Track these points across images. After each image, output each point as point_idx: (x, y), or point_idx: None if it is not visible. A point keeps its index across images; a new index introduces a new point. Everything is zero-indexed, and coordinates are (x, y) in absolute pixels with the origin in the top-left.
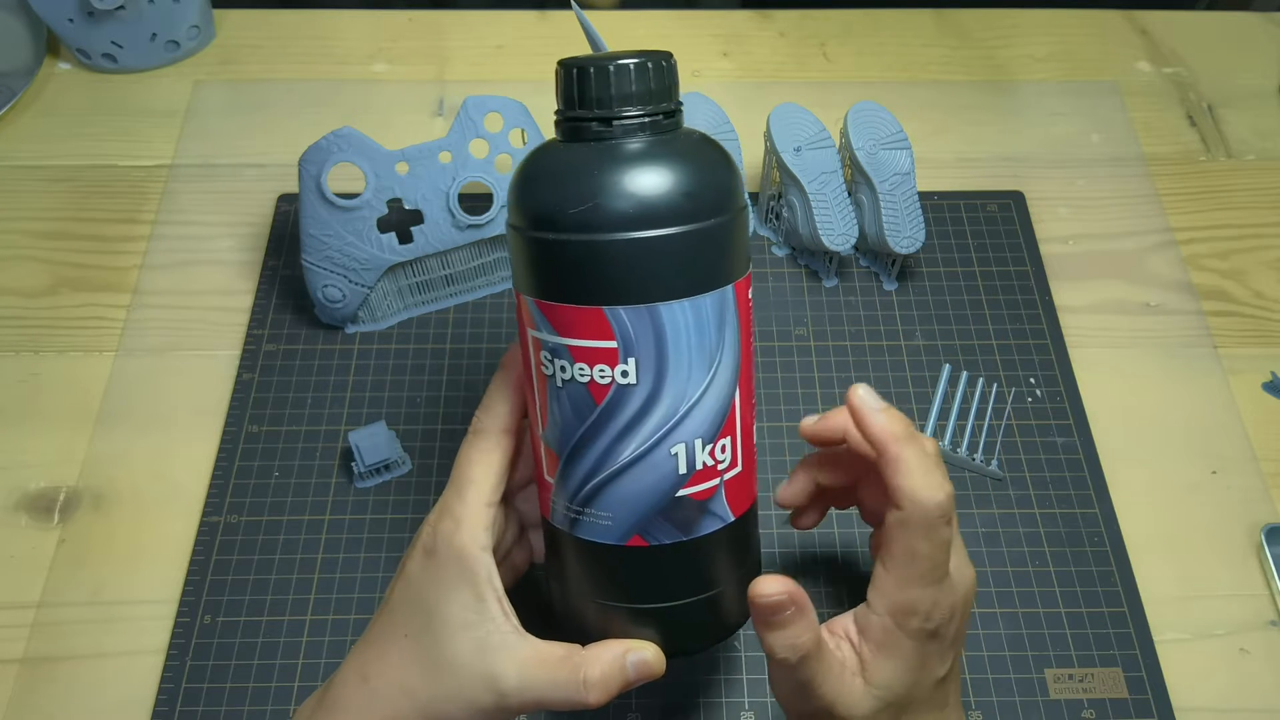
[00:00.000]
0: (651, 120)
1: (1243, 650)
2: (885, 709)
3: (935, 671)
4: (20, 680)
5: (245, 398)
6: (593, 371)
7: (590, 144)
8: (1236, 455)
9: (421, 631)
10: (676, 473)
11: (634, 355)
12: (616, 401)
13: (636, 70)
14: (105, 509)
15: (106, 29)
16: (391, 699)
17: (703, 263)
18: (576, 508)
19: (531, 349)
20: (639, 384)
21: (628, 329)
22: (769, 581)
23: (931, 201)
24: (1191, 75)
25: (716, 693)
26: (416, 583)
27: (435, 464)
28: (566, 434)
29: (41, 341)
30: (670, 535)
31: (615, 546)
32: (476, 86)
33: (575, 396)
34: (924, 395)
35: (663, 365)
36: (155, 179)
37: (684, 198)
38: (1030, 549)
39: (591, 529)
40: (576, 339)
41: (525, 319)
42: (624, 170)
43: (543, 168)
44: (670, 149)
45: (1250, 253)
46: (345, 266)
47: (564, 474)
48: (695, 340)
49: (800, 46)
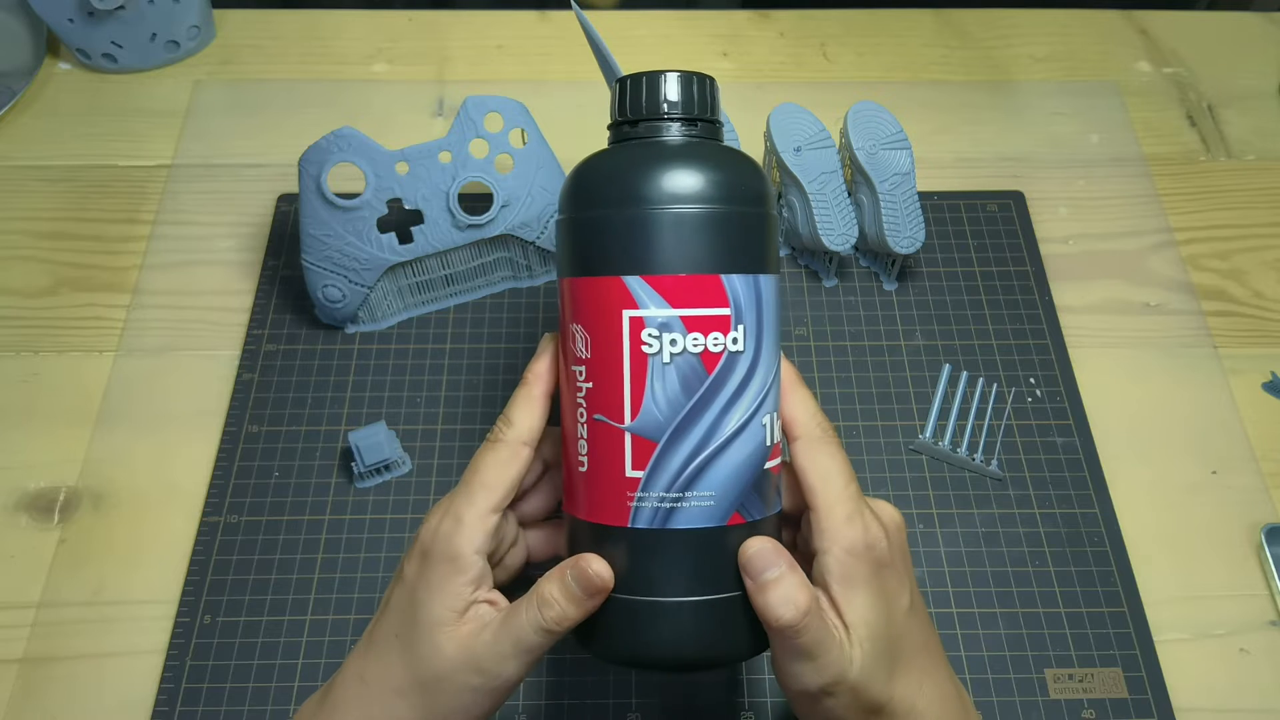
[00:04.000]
0: (717, 127)
1: (1243, 650)
2: (876, 654)
3: (898, 599)
4: (20, 680)
5: (245, 398)
6: (706, 340)
7: (686, 137)
8: (1236, 455)
9: (409, 631)
10: (765, 444)
11: (743, 322)
12: (727, 370)
13: (712, 85)
14: (105, 509)
15: (106, 29)
16: (386, 699)
17: (774, 245)
18: (675, 494)
19: (627, 331)
20: (745, 351)
21: (739, 296)
22: (753, 540)
23: (931, 201)
24: (1191, 75)
25: (717, 693)
26: (410, 584)
27: (435, 464)
28: (671, 413)
29: (41, 341)
30: (759, 510)
31: (718, 529)
32: (476, 86)
33: (685, 369)
34: (924, 395)
35: (761, 333)
36: (155, 179)
37: (766, 185)
38: (1030, 549)
39: (693, 514)
40: (693, 308)
41: (615, 302)
42: (740, 156)
43: (649, 152)
44: (741, 152)
45: (1250, 253)
46: (345, 266)
47: (661, 461)
48: (776, 314)
49: (800, 46)
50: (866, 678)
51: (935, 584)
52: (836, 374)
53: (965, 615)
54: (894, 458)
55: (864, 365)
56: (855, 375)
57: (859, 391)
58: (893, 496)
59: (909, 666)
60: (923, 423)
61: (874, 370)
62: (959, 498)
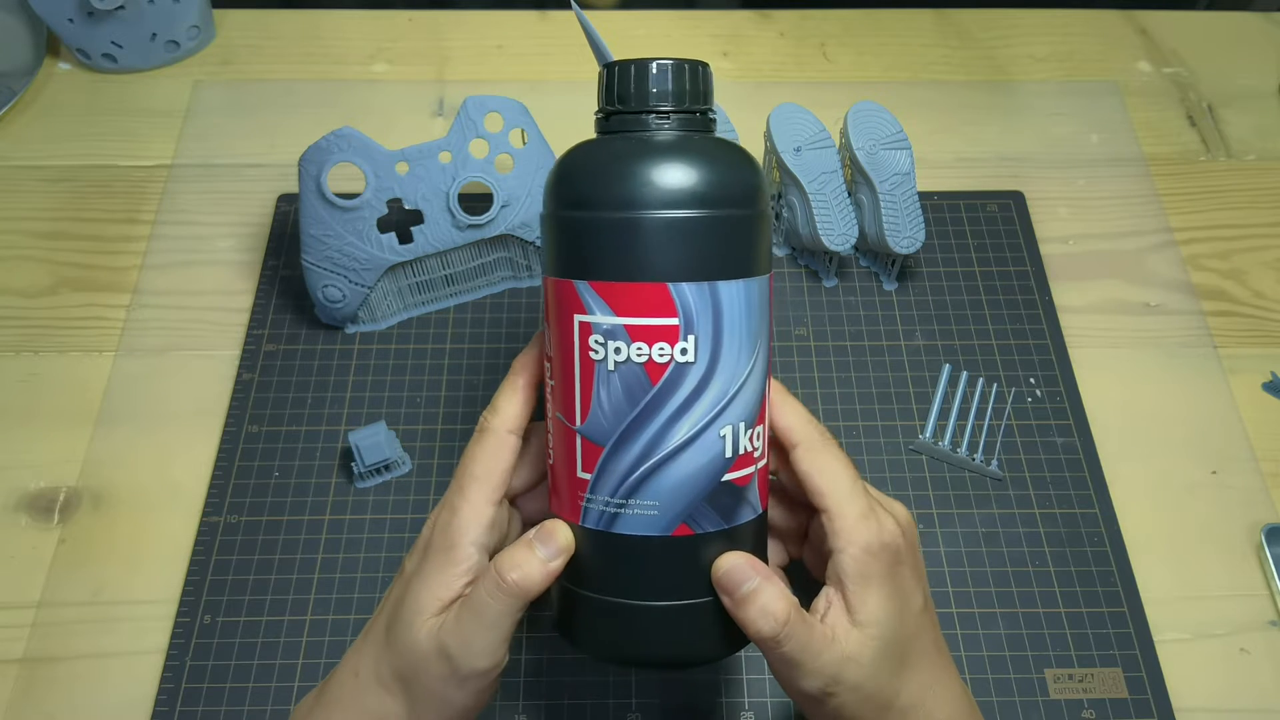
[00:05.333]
0: (702, 116)
1: (1243, 650)
2: (885, 652)
3: (913, 598)
4: (20, 680)
5: (245, 398)
6: (651, 350)
7: (651, 132)
8: (1236, 455)
9: (395, 622)
10: (723, 456)
11: (694, 332)
12: (674, 381)
13: (703, 70)
14: (105, 509)
15: (106, 29)
16: (375, 692)
17: (753, 247)
18: (619, 500)
19: (577, 335)
20: (696, 361)
21: (690, 305)
22: (727, 556)
23: (931, 201)
24: (1191, 75)
25: (716, 693)
26: (406, 577)
27: (435, 464)
28: (615, 420)
29: (41, 341)
30: (714, 523)
31: (661, 538)
32: (476, 86)
33: (629, 378)
34: (924, 395)
35: (718, 344)
36: (155, 179)
37: (744, 183)
38: (1030, 549)
39: (635, 522)
40: (637, 317)
41: (569, 305)
42: (698, 152)
43: (605, 152)
44: (729, 145)
45: (1250, 253)
46: (345, 266)
47: (606, 466)
48: (744, 322)
49: (800, 46)
50: (872, 676)
51: (935, 584)
52: (836, 374)
53: (965, 615)
54: (894, 458)
55: (864, 365)
56: (855, 375)
57: (859, 391)
58: (892, 496)
59: (921, 665)
60: (923, 423)
61: (874, 370)
62: (959, 498)
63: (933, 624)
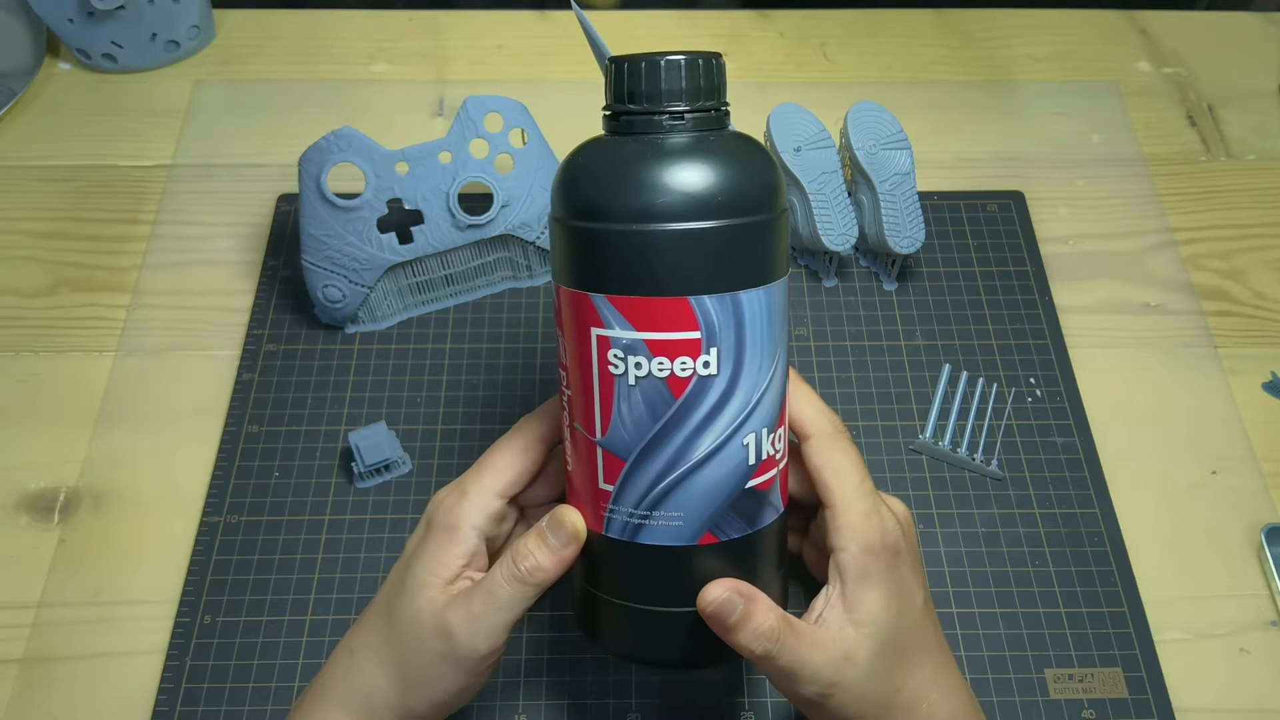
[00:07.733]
0: (716, 114)
1: (1243, 650)
2: (882, 651)
3: (913, 595)
4: (20, 680)
5: (245, 398)
6: (673, 365)
7: (666, 134)
8: (1236, 455)
9: (394, 596)
10: (747, 464)
11: (716, 345)
12: (696, 394)
13: (717, 65)
14: (105, 509)
15: (106, 29)
16: (367, 669)
17: (774, 252)
18: (643, 512)
19: (595, 349)
20: (719, 374)
21: (712, 318)
22: (711, 588)
23: (931, 201)
24: (1191, 75)
25: (717, 693)
26: (407, 554)
27: (435, 464)
28: (638, 434)
29: (41, 341)
30: (739, 529)
31: (686, 548)
32: (476, 86)
33: (651, 393)
34: (924, 395)
35: (740, 354)
36: (155, 179)
37: (765, 185)
38: (1030, 549)
39: (660, 533)
40: (658, 332)
41: (586, 318)
42: (717, 157)
43: (619, 157)
44: (746, 142)
45: (1250, 253)
46: (345, 266)
47: (629, 479)
48: (765, 329)
49: (800, 46)
50: (868, 676)
51: (935, 584)
52: (836, 374)
53: (965, 615)
54: (894, 458)
55: (864, 365)
56: (855, 375)
57: (859, 391)
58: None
59: (922, 662)
60: (923, 423)
61: (874, 370)
62: (959, 498)
63: (933, 620)
